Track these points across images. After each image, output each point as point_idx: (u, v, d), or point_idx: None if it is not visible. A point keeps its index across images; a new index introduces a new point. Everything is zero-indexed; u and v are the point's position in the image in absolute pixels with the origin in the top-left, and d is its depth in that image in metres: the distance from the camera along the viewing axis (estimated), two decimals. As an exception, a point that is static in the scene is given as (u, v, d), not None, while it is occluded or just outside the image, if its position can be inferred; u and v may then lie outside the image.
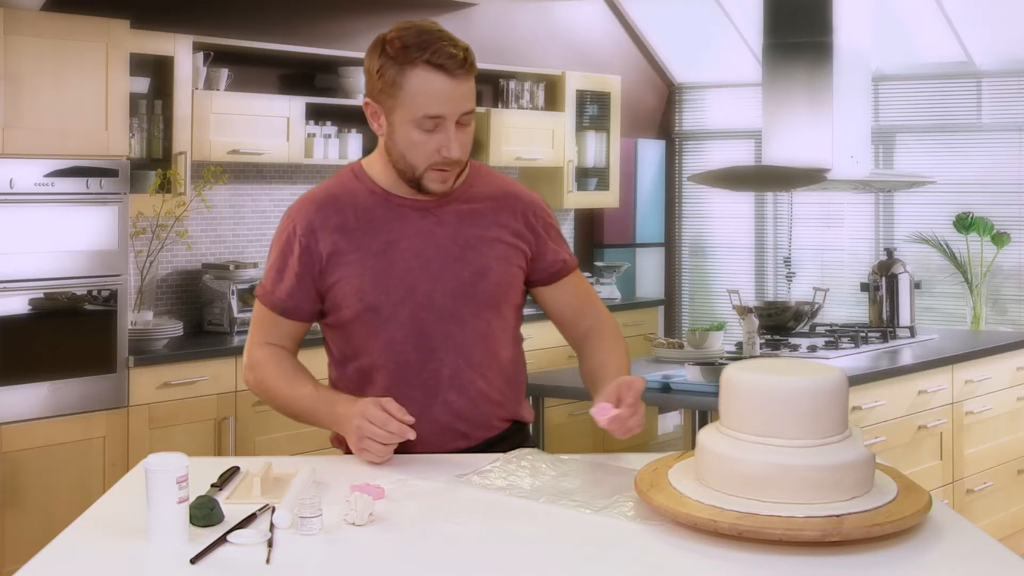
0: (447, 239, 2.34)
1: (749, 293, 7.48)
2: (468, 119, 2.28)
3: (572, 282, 2.48)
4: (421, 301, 2.32)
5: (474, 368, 2.35)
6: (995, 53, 6.82)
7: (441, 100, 2.23)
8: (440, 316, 2.33)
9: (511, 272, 2.38)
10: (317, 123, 5.72)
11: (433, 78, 2.22)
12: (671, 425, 7.69)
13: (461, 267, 2.33)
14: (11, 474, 4.36)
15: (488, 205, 2.39)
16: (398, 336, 2.33)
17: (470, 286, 2.33)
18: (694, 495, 1.85)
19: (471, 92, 2.27)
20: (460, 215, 2.36)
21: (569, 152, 6.92)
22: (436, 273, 2.32)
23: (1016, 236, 6.72)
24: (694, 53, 7.84)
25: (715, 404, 2.00)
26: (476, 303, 2.34)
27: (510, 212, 2.40)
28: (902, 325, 5.35)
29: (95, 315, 4.61)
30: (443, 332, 2.33)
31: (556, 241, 2.45)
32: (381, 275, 2.32)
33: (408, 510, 1.95)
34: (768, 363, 1.96)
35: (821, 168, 5.31)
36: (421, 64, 2.22)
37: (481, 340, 2.36)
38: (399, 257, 2.32)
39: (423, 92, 2.23)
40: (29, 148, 4.43)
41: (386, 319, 2.33)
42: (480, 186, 2.41)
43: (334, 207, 2.36)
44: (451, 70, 2.22)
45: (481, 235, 2.36)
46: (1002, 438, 5.22)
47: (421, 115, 2.24)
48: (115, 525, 1.88)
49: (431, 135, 2.25)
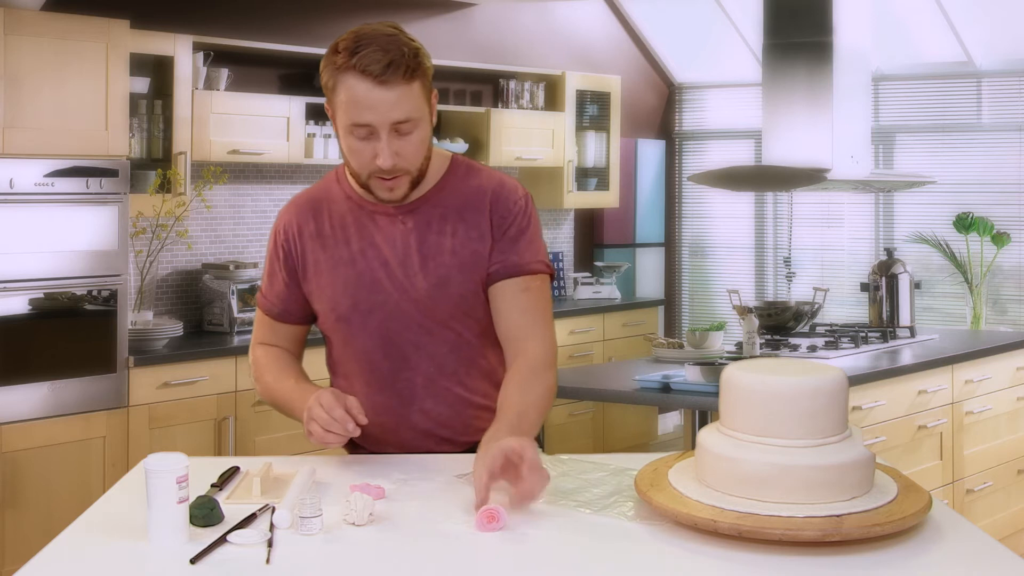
0: (411, 248, 2.29)
1: (749, 293, 7.48)
2: (409, 127, 2.17)
3: (512, 288, 2.28)
4: (390, 311, 2.29)
5: (449, 376, 2.32)
6: (995, 53, 6.82)
7: (365, 108, 2.14)
8: (407, 326, 2.30)
9: (475, 281, 2.29)
10: (317, 123, 5.72)
11: (358, 85, 2.14)
12: (671, 425, 7.70)
13: (422, 278, 2.28)
14: (11, 474, 4.36)
15: (457, 207, 2.30)
16: (369, 345, 2.32)
17: (431, 298, 2.28)
18: (694, 495, 1.85)
19: (407, 99, 2.15)
20: (428, 221, 2.29)
21: (569, 152, 6.92)
22: (400, 284, 2.28)
23: (1016, 236, 6.72)
24: (694, 53, 7.83)
25: (715, 404, 2.01)
26: (440, 314, 2.29)
27: (478, 211, 2.29)
28: (902, 325, 5.35)
29: (95, 315, 4.61)
30: (413, 342, 2.30)
31: (513, 240, 2.29)
32: (350, 285, 2.30)
33: (408, 510, 1.95)
34: (768, 363, 1.96)
35: (821, 168, 5.30)
36: (348, 70, 2.15)
37: (453, 349, 2.31)
38: (367, 266, 2.29)
39: (350, 99, 2.15)
40: (29, 148, 4.43)
41: (357, 329, 2.31)
42: (453, 187, 2.32)
43: (313, 212, 2.35)
44: (375, 76, 2.12)
45: (444, 243, 2.28)
46: (1002, 438, 5.22)
47: (350, 123, 2.17)
48: (115, 525, 1.88)
49: (366, 143, 2.18)
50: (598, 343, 6.71)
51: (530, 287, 2.30)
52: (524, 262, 2.29)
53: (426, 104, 2.21)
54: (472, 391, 2.35)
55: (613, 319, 6.85)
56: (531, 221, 2.32)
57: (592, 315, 6.73)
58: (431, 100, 2.24)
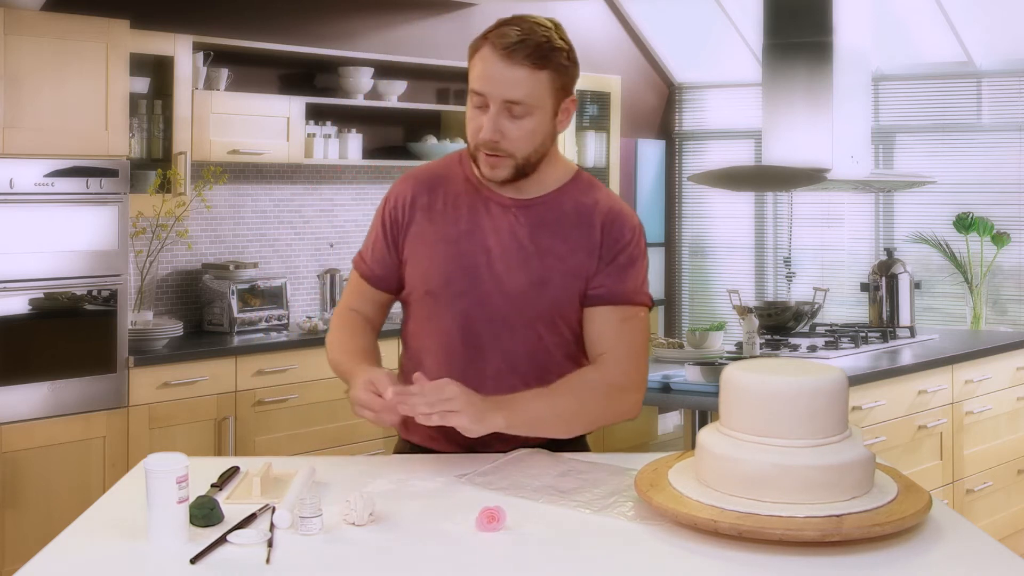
0: (518, 242, 2.31)
1: (749, 293, 7.48)
2: (520, 111, 2.23)
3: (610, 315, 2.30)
4: (477, 299, 2.31)
5: (518, 376, 2.31)
6: (995, 53, 6.82)
7: (484, 78, 2.24)
8: (492, 318, 2.31)
9: (574, 289, 2.31)
10: (317, 123, 5.72)
11: (485, 55, 2.24)
12: (671, 425, 7.70)
13: (523, 273, 2.30)
14: (11, 474, 4.36)
15: (572, 217, 2.33)
16: (450, 327, 2.33)
17: (526, 295, 2.29)
18: (694, 495, 1.85)
19: (526, 82, 2.22)
20: (541, 220, 2.32)
21: (569, 152, 6.92)
22: (498, 274, 2.30)
23: (1016, 236, 6.72)
24: (694, 53, 7.83)
25: (715, 404, 2.00)
26: (529, 313, 2.30)
27: (591, 227, 2.32)
28: (902, 325, 5.35)
29: (95, 315, 4.61)
30: (492, 334, 2.31)
31: (620, 266, 2.31)
32: (448, 263, 2.32)
33: (408, 510, 1.95)
34: (768, 363, 1.96)
35: (821, 168, 5.30)
36: (485, 42, 2.26)
37: (530, 351, 2.32)
38: (469, 249, 2.32)
39: (475, 67, 2.26)
40: (29, 148, 4.43)
41: (443, 307, 2.33)
42: (573, 196, 2.35)
43: (428, 186, 2.39)
44: (500, 50, 2.22)
45: (553, 246, 2.31)
46: (1002, 438, 5.22)
47: (471, 88, 2.27)
48: (115, 525, 1.88)
49: (479, 112, 2.27)
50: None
51: (629, 317, 2.32)
52: (628, 291, 2.32)
53: (550, 99, 2.27)
54: None
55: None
56: (642, 253, 2.36)
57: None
58: (562, 101, 2.30)
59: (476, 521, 1.84)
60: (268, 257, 5.83)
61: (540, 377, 2.31)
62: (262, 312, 5.43)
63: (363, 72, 5.90)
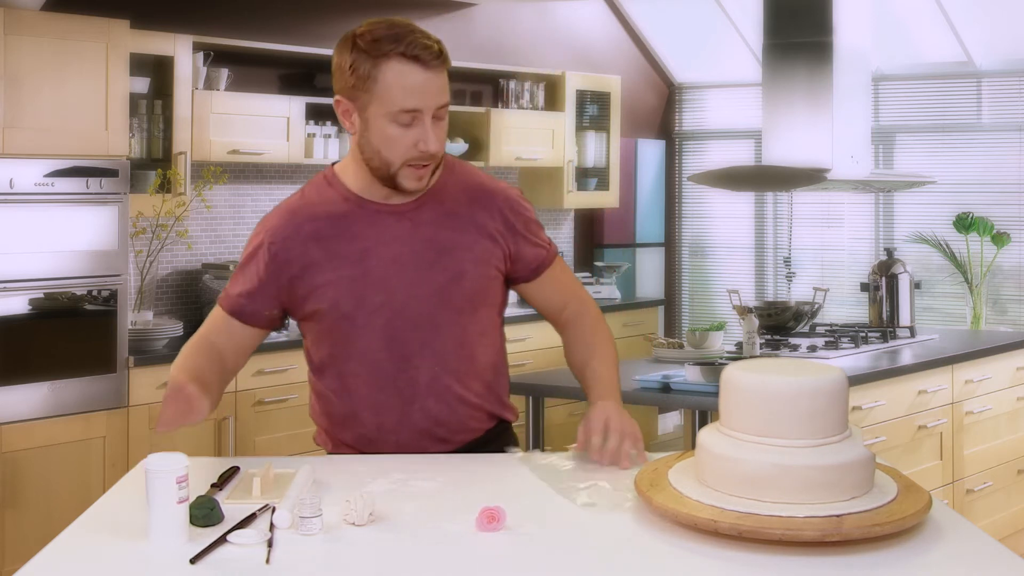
0: (423, 244, 2.30)
1: (749, 293, 7.48)
2: (443, 113, 2.24)
3: (552, 274, 2.45)
4: (397, 309, 2.29)
5: (451, 374, 2.33)
6: (995, 53, 6.83)
7: (417, 93, 2.18)
8: (415, 323, 2.30)
9: (488, 275, 2.34)
10: (317, 123, 5.72)
11: (408, 70, 2.17)
12: (671, 425, 7.70)
13: (437, 272, 2.30)
14: (11, 474, 4.36)
15: (464, 205, 2.34)
16: (373, 344, 2.31)
17: (445, 292, 2.30)
18: (694, 495, 1.85)
19: (446, 85, 2.23)
20: (436, 218, 2.32)
21: (569, 152, 6.92)
22: (412, 280, 2.29)
23: (1016, 236, 6.72)
24: (694, 53, 7.83)
25: (715, 404, 2.00)
26: (452, 308, 2.31)
27: (487, 211, 2.35)
28: (902, 325, 5.35)
29: (95, 315, 4.61)
30: (418, 339, 2.31)
31: (535, 234, 2.41)
32: (357, 284, 2.29)
33: (408, 510, 1.95)
34: (768, 363, 1.96)
35: (821, 168, 5.30)
36: (395, 56, 2.17)
37: (458, 346, 2.33)
38: (375, 265, 2.29)
39: (398, 85, 2.18)
40: (29, 148, 4.43)
41: (361, 328, 2.30)
42: (453, 184, 2.35)
43: (308, 215, 2.32)
44: (426, 61, 2.18)
45: (457, 238, 2.31)
46: (1002, 438, 5.22)
47: (397, 109, 2.18)
48: (115, 525, 1.88)
49: (407, 129, 2.20)
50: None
51: (559, 265, 2.47)
52: (550, 249, 2.45)
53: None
54: (468, 389, 2.36)
55: (613, 319, 6.85)
56: (532, 211, 2.45)
57: (592, 315, 6.72)
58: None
59: (476, 521, 1.85)
60: (268, 257, 5.82)
61: (467, 369, 2.35)
62: (262, 312, 5.43)
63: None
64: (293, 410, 5.14)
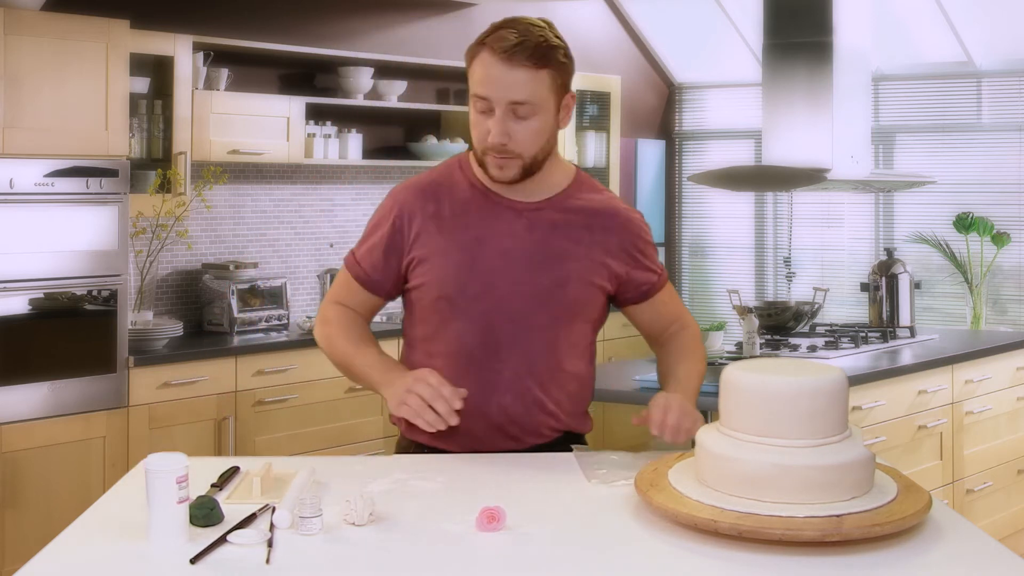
0: (534, 244, 2.35)
1: (749, 293, 7.48)
2: (526, 111, 2.28)
3: (660, 298, 2.51)
4: (496, 301, 2.34)
5: (534, 376, 2.36)
6: (995, 53, 6.82)
7: (487, 82, 2.28)
8: (511, 319, 2.34)
9: (591, 290, 2.39)
10: (317, 123, 5.72)
11: (485, 59, 2.28)
12: (671, 425, 7.68)
13: (541, 275, 2.34)
14: (11, 474, 4.36)
15: (583, 219, 2.39)
16: (467, 330, 2.35)
17: (546, 295, 2.34)
18: (694, 495, 1.85)
19: (529, 83, 2.27)
20: (553, 223, 2.37)
21: (569, 152, 6.91)
22: (516, 276, 2.34)
23: (1016, 236, 6.72)
24: (694, 53, 7.83)
25: (715, 404, 2.01)
26: (548, 313, 2.35)
27: (606, 230, 2.40)
28: (902, 325, 5.35)
29: (95, 315, 4.61)
30: (511, 335, 2.35)
31: (650, 259, 2.47)
32: (463, 269, 2.34)
33: (408, 510, 1.95)
34: (768, 363, 1.96)
35: (821, 168, 5.30)
36: (483, 47, 2.30)
37: (547, 350, 2.37)
38: (484, 254, 2.35)
39: (476, 72, 2.30)
40: (29, 148, 4.43)
41: (460, 311, 2.35)
42: (581, 198, 2.41)
43: (434, 195, 2.40)
44: (500, 53, 2.26)
45: (569, 247, 2.37)
46: (1002, 438, 5.22)
47: (473, 93, 2.31)
48: (115, 525, 1.88)
49: (484, 117, 2.30)
50: (599, 343, 6.69)
51: (670, 290, 2.55)
52: (662, 275, 2.52)
53: (552, 97, 2.31)
54: (548, 395, 2.39)
55: (613, 319, 6.78)
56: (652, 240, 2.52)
57: (592, 315, 6.72)
58: (562, 98, 2.34)
59: (476, 521, 1.85)
60: (268, 257, 5.83)
61: (552, 376, 2.38)
62: (262, 312, 5.43)
63: (363, 72, 5.90)
64: (293, 410, 5.14)
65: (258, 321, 5.40)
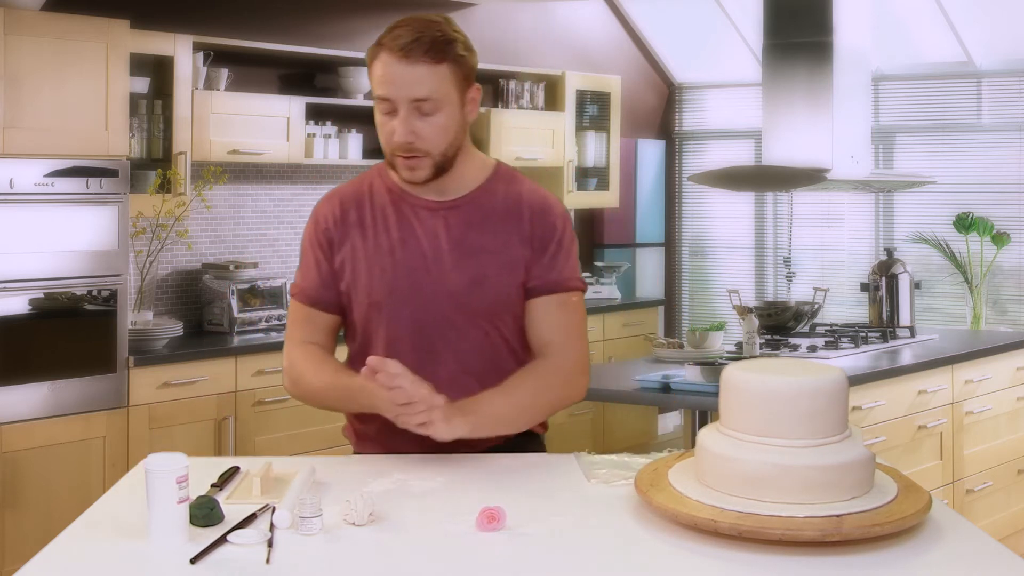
0: (452, 243, 2.33)
1: (749, 293, 7.48)
2: (429, 107, 2.24)
3: (549, 304, 2.36)
4: (423, 303, 2.32)
5: (472, 375, 2.34)
6: (995, 53, 6.82)
7: (388, 81, 2.24)
8: (439, 319, 2.33)
9: (512, 284, 2.34)
10: (317, 123, 5.72)
11: (384, 59, 2.24)
12: (671, 425, 7.69)
13: (459, 274, 2.32)
14: (11, 474, 4.36)
15: (501, 213, 2.36)
16: (398, 335, 2.34)
17: (465, 295, 2.32)
18: (694, 495, 1.85)
19: (429, 78, 2.23)
20: (469, 220, 2.35)
21: (569, 152, 6.92)
22: (436, 277, 2.32)
23: (1016, 236, 6.72)
24: (694, 53, 7.83)
25: (715, 404, 2.01)
26: (471, 312, 2.33)
27: (520, 220, 2.35)
28: (902, 325, 5.35)
29: (95, 315, 4.61)
30: (442, 336, 2.33)
31: (551, 256, 2.36)
32: (387, 273, 2.33)
33: (408, 510, 1.95)
34: (768, 363, 1.96)
35: (821, 168, 5.30)
36: (381, 47, 2.26)
37: (481, 347, 2.35)
38: (406, 257, 2.33)
39: (376, 73, 2.26)
40: (29, 148, 4.43)
41: (388, 317, 2.34)
42: (498, 192, 2.38)
43: (355, 203, 2.39)
44: (398, 51, 2.22)
45: (485, 243, 2.34)
46: (1002, 438, 5.22)
47: (376, 95, 2.27)
48: (115, 525, 1.88)
49: (389, 118, 2.26)
50: (598, 343, 6.71)
51: (567, 303, 2.38)
52: (563, 279, 2.37)
53: (455, 91, 2.27)
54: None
55: (613, 319, 6.85)
56: (571, 239, 2.41)
57: (592, 315, 6.72)
58: (466, 91, 2.30)
59: (476, 521, 1.85)
60: (268, 257, 5.83)
61: (492, 373, 2.34)
62: (262, 312, 5.43)
63: (363, 72, 5.90)
64: (293, 410, 5.14)
65: (258, 321, 5.40)
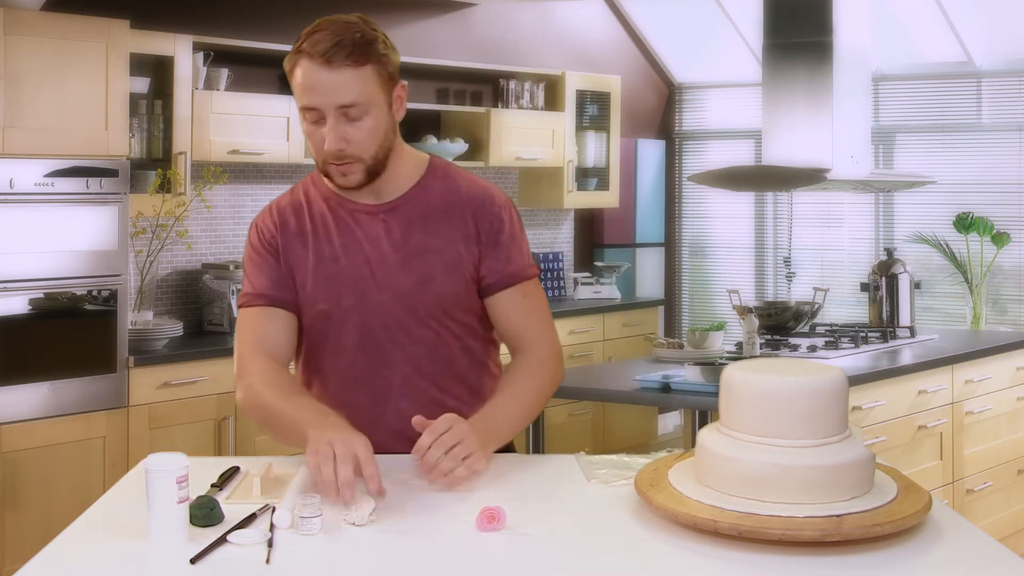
0: (393, 246, 2.30)
1: (749, 293, 7.48)
2: (358, 112, 2.18)
3: (512, 296, 2.34)
4: (370, 308, 2.30)
5: (425, 377, 2.32)
6: (995, 53, 6.82)
7: (311, 90, 2.17)
8: (387, 324, 2.30)
9: (458, 281, 2.31)
10: (317, 123, 5.71)
11: (305, 67, 2.17)
12: (671, 425, 7.69)
13: (404, 276, 2.29)
14: (11, 474, 4.36)
15: (440, 208, 2.32)
16: (347, 342, 2.32)
17: (412, 296, 2.29)
18: (694, 495, 1.85)
19: (354, 83, 2.16)
20: (410, 221, 2.31)
21: (569, 152, 6.92)
22: (381, 281, 2.30)
23: (1016, 236, 6.72)
24: (694, 53, 7.83)
25: (715, 404, 2.00)
26: (420, 313, 2.30)
27: (462, 216, 2.32)
28: (902, 325, 5.35)
29: (95, 315, 4.61)
30: (391, 340, 2.31)
31: (503, 248, 2.33)
32: (332, 281, 2.31)
33: (408, 510, 1.95)
34: (768, 363, 1.96)
35: (821, 168, 5.31)
36: (300, 54, 2.19)
37: (432, 348, 2.32)
38: (350, 263, 2.30)
39: (298, 81, 2.19)
40: (29, 148, 4.43)
41: (336, 325, 2.31)
42: (435, 188, 2.34)
43: (294, 213, 2.36)
44: (318, 58, 2.14)
45: (428, 243, 2.30)
46: (1002, 438, 5.22)
47: (301, 106, 2.20)
48: (115, 525, 1.88)
49: (317, 127, 2.20)
50: (598, 343, 6.71)
51: (527, 292, 2.37)
52: (519, 269, 2.36)
53: (382, 92, 2.21)
54: (446, 393, 2.34)
55: (613, 319, 6.85)
56: (517, 226, 2.38)
57: (592, 315, 6.73)
58: (392, 90, 2.24)
59: (476, 521, 1.85)
60: (268, 257, 5.82)
61: (444, 373, 2.33)
62: (262, 312, 5.42)
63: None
64: (293, 410, 5.13)
65: (258, 321, 5.39)
